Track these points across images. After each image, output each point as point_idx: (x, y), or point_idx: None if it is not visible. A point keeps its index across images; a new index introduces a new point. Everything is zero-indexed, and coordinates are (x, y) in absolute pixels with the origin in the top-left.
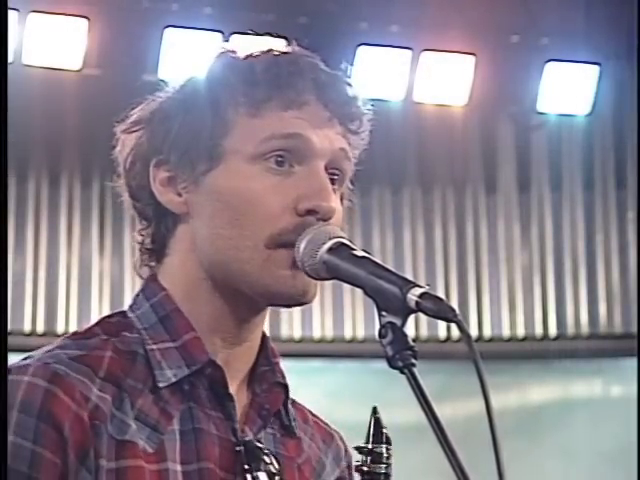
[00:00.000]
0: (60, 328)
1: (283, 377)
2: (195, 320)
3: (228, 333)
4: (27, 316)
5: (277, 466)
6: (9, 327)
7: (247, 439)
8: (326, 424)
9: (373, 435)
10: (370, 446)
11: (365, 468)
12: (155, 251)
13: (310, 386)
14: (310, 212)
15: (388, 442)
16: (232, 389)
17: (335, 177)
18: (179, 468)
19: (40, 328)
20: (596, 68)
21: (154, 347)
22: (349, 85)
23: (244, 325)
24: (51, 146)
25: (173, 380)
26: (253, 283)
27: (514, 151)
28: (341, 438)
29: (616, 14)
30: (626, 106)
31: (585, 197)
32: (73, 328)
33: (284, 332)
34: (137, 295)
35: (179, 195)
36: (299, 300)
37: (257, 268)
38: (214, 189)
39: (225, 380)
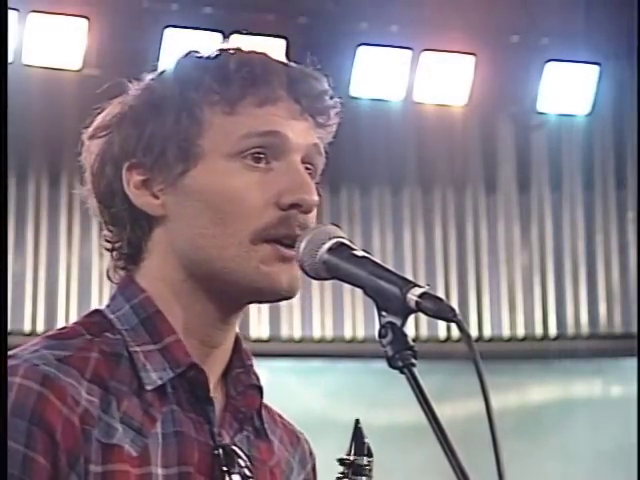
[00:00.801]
0: None
1: (257, 379)
2: (174, 323)
3: (207, 335)
4: (27, 316)
5: (251, 468)
6: (9, 327)
7: (224, 443)
8: (292, 426)
9: (355, 447)
10: (352, 458)
11: None
12: (131, 255)
13: (310, 386)
14: (293, 206)
15: (369, 454)
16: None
17: (309, 171)
18: (160, 471)
19: (40, 328)
20: (596, 68)
21: (137, 349)
22: (318, 79)
23: (223, 326)
24: (51, 146)
25: (159, 383)
26: (239, 280)
27: (514, 151)
28: (306, 440)
29: (616, 14)
30: (626, 106)
31: (585, 197)
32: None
33: (284, 332)
34: (114, 296)
35: (155, 197)
36: (284, 295)
37: (242, 265)
38: (193, 189)
39: (207, 384)
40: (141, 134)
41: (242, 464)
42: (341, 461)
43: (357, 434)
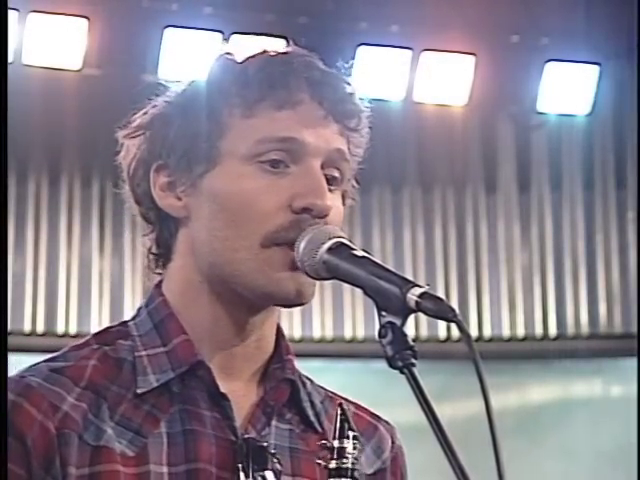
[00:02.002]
0: (60, 328)
1: (292, 373)
2: (191, 323)
3: (226, 334)
4: (27, 316)
5: (288, 463)
6: (9, 327)
7: (248, 436)
8: (371, 415)
9: (339, 431)
10: (336, 443)
11: (331, 464)
12: (161, 256)
13: None
14: (305, 210)
15: (355, 438)
16: (234, 388)
17: (334, 176)
18: (165, 470)
19: (40, 328)
20: (596, 68)
21: (143, 353)
22: (345, 83)
23: (243, 326)
24: (51, 146)
25: (155, 385)
26: (248, 284)
27: (514, 151)
28: (390, 429)
29: (616, 14)
30: (626, 106)
31: (585, 197)
32: (73, 328)
33: (284, 332)
34: (140, 304)
35: (179, 199)
36: (294, 301)
37: (252, 269)
38: (211, 191)
39: (214, 380)
40: (167, 136)
41: (274, 460)
42: (323, 446)
43: (341, 418)
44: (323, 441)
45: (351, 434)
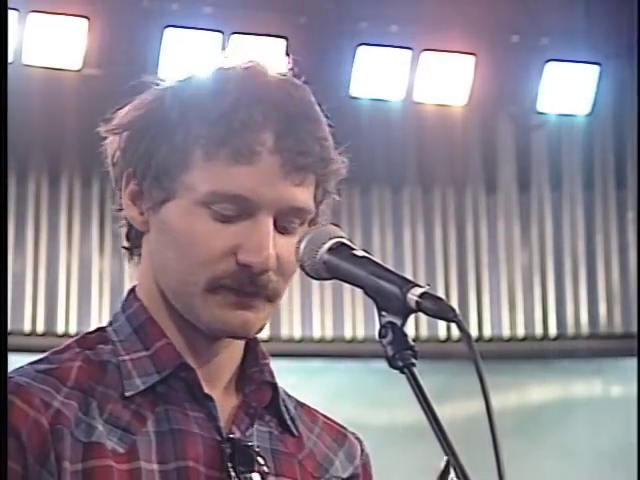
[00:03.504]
0: (60, 328)
1: (272, 377)
2: (168, 329)
3: (199, 348)
4: (27, 316)
5: (271, 464)
6: (9, 327)
7: (233, 437)
8: (339, 425)
9: None
10: None
11: None
12: (131, 250)
13: (310, 386)
14: (245, 266)
15: None
16: (216, 390)
17: (290, 224)
18: (156, 467)
19: (40, 328)
20: (596, 68)
21: (126, 358)
22: (314, 127)
23: (208, 340)
24: (51, 146)
25: (141, 388)
26: (196, 318)
27: (514, 151)
28: (357, 438)
29: (616, 14)
30: (626, 106)
31: (585, 197)
32: (73, 328)
33: (284, 332)
34: (117, 311)
35: (142, 214)
36: (240, 336)
37: (199, 306)
38: (166, 222)
39: (199, 381)
40: (138, 147)
41: (260, 462)
42: None
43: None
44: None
45: None
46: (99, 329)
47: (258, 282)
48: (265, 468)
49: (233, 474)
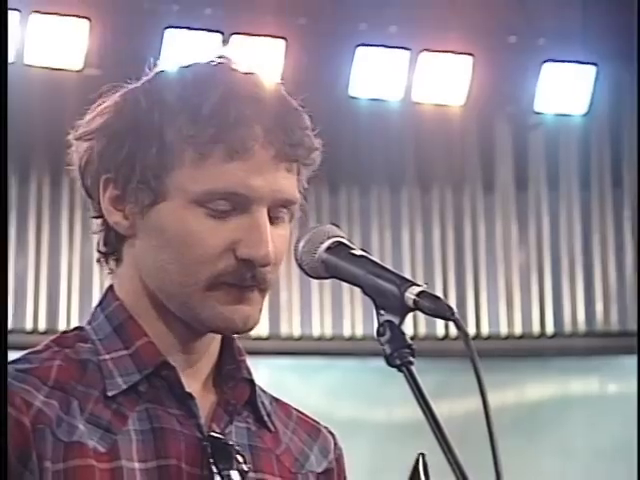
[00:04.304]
0: (61, 326)
1: (249, 373)
2: (149, 328)
3: (182, 336)
4: (29, 314)
5: (250, 461)
6: (11, 325)
7: (214, 435)
8: (313, 420)
9: None
10: None
11: None
12: (109, 255)
13: (309, 384)
14: (246, 261)
15: None
16: (195, 387)
17: (281, 215)
18: (137, 466)
19: (42, 326)
20: (593, 68)
21: (107, 357)
22: (298, 120)
23: (194, 337)
24: (52, 146)
25: (124, 387)
26: (194, 316)
27: (512, 150)
28: (330, 432)
29: (613, 15)
30: (623, 106)
31: (582, 196)
32: (74, 326)
33: (283, 330)
34: (94, 309)
35: (126, 218)
36: (239, 331)
37: (199, 304)
38: (158, 224)
39: (179, 379)
40: (118, 151)
41: (240, 460)
42: None
43: (416, 469)
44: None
45: None
46: (77, 328)
47: (258, 275)
48: (244, 466)
49: (215, 471)
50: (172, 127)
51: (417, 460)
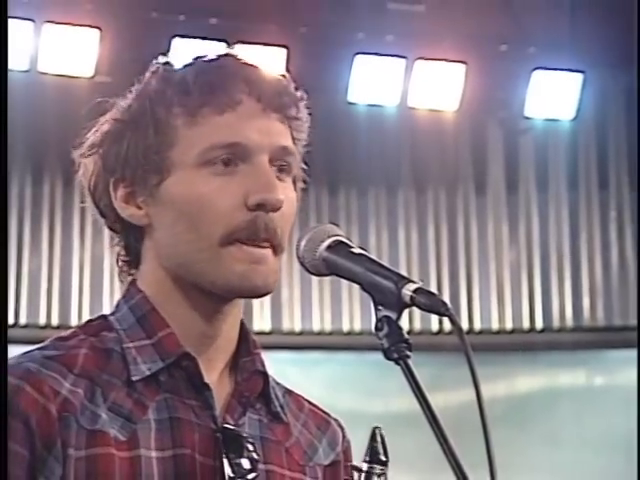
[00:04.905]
0: (73, 321)
1: (263, 366)
2: (171, 319)
3: (200, 327)
4: (42, 310)
5: (260, 452)
6: (25, 320)
7: (227, 426)
8: (324, 412)
9: (370, 454)
10: (365, 467)
11: None
12: (131, 261)
13: (310, 376)
14: (259, 206)
15: (382, 462)
16: (212, 379)
17: (282, 167)
18: (154, 454)
19: (55, 321)
20: (580, 76)
21: (130, 345)
22: (277, 77)
23: (218, 316)
24: (65, 149)
25: (147, 373)
26: (214, 281)
27: (503, 154)
28: (340, 425)
29: (599, 25)
30: (608, 111)
31: (570, 197)
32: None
33: (285, 325)
34: (118, 301)
35: (139, 208)
36: (260, 292)
37: (216, 266)
38: (168, 198)
39: (199, 371)
40: (120, 151)
41: (250, 448)
42: (354, 467)
43: (373, 440)
44: (354, 464)
45: (383, 460)
46: (101, 317)
47: (270, 226)
48: (254, 455)
49: (225, 461)
50: (163, 106)
51: (374, 432)
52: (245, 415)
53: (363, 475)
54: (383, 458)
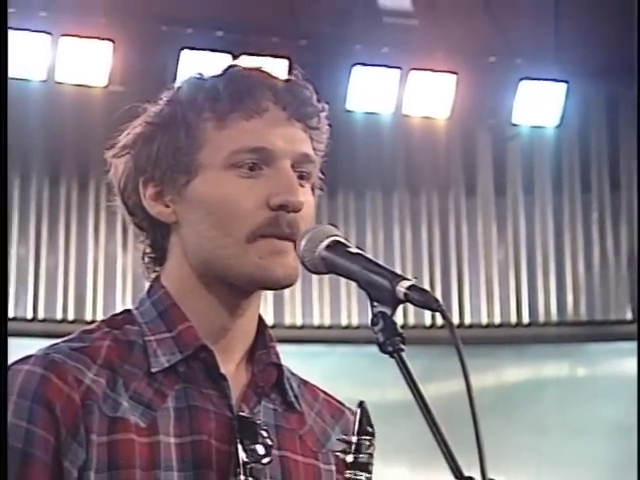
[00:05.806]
0: (88, 316)
1: (278, 358)
2: (190, 312)
3: (221, 320)
4: (59, 305)
5: (274, 439)
6: (43, 315)
7: (242, 414)
8: (339, 402)
9: (358, 427)
10: (354, 439)
11: (348, 458)
12: (157, 258)
13: (310, 368)
14: (281, 207)
15: (370, 433)
16: (229, 369)
17: (303, 173)
18: (172, 440)
19: (70, 316)
20: (564, 86)
21: (152, 338)
22: (304, 88)
23: (237, 311)
24: (80, 154)
25: (166, 365)
26: (239, 274)
27: (491, 159)
28: (353, 414)
29: (582, 37)
30: (591, 119)
31: (554, 199)
32: (100, 316)
33: (287, 320)
34: (142, 296)
35: (167, 206)
36: (282, 284)
37: (241, 260)
38: (196, 198)
39: (216, 362)
40: (151, 152)
41: (264, 435)
42: (343, 440)
43: (361, 417)
44: (344, 437)
45: (370, 431)
46: (125, 311)
47: (292, 223)
48: (268, 441)
49: (240, 446)
50: (194, 110)
51: (359, 407)
52: (260, 404)
53: (353, 446)
54: (370, 429)
